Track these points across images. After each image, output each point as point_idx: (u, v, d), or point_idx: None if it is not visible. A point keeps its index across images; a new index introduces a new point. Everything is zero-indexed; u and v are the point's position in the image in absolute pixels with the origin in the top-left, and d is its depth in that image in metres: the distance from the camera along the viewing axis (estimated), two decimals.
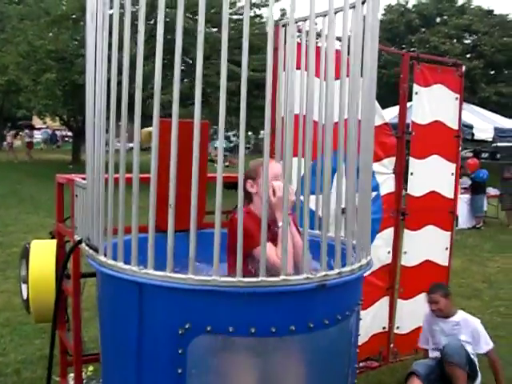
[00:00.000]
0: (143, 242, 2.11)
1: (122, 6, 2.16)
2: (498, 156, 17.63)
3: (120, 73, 2.11)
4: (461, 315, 3.91)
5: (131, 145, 2.23)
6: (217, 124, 2.00)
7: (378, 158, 4.07)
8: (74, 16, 18.52)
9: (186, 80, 16.08)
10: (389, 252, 4.33)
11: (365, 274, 2.49)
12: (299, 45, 3.22)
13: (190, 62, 17.15)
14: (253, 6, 18.87)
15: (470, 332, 3.80)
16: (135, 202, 2.09)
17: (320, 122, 3.00)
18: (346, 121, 2.31)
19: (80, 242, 2.55)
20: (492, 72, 29.34)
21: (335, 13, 2.36)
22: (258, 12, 20.40)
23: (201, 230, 2.35)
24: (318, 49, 3.03)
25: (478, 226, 11.74)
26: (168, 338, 2.07)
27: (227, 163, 17.72)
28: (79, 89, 14.57)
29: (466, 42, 29.84)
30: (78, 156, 23.54)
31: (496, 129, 11.76)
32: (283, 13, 22.09)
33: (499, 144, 14.53)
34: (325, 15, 2.67)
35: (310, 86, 2.12)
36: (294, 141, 3.31)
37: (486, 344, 3.79)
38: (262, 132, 33.81)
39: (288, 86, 2.10)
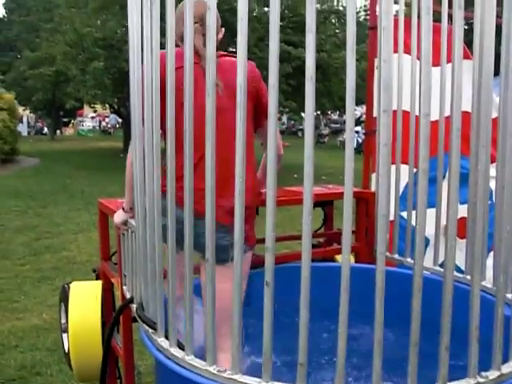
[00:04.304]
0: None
1: None
2: None
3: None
4: None
5: None
6: None
7: (492, 160, 3.23)
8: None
9: None
10: None
11: None
12: (408, 21, 2.45)
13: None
14: None
15: None
16: (210, 262, 1.37)
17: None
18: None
19: (131, 301, 1.87)
20: None
21: None
22: None
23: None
24: (436, 28, 2.23)
25: None
26: None
27: None
28: (128, 76, 14.17)
29: None
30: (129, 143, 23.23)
31: None
32: None
33: None
34: None
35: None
36: (404, 143, 2.60)
37: None
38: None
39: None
